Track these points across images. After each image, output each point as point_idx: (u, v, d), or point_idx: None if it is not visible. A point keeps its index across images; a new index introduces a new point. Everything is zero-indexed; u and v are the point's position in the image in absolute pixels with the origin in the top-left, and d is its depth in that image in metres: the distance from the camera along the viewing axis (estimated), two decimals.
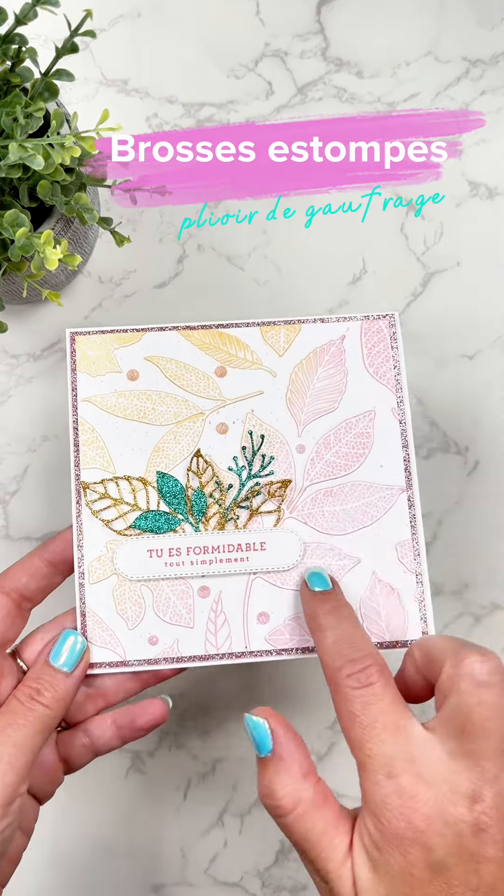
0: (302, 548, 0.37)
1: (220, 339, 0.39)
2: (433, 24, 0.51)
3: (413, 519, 0.38)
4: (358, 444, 0.38)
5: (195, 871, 0.48)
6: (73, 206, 0.38)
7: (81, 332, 0.39)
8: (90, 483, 0.38)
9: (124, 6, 0.51)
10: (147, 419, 0.38)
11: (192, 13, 0.51)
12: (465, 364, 0.50)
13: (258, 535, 0.37)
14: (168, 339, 0.39)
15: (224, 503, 0.38)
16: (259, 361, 0.39)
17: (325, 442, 0.38)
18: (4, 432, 0.49)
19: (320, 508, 0.38)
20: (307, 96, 0.51)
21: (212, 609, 0.37)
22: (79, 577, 0.37)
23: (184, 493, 0.38)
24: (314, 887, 0.48)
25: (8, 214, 0.35)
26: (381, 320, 0.40)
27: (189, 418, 0.38)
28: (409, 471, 0.38)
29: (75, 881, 0.48)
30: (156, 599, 0.37)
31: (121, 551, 0.37)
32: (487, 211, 0.51)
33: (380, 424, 0.38)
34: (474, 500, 0.50)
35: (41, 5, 0.36)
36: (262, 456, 0.38)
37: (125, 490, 0.38)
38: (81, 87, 0.50)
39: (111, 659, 0.37)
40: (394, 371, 0.39)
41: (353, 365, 0.39)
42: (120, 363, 0.39)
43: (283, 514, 0.38)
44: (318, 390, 0.39)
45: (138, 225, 0.50)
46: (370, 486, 0.38)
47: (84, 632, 0.37)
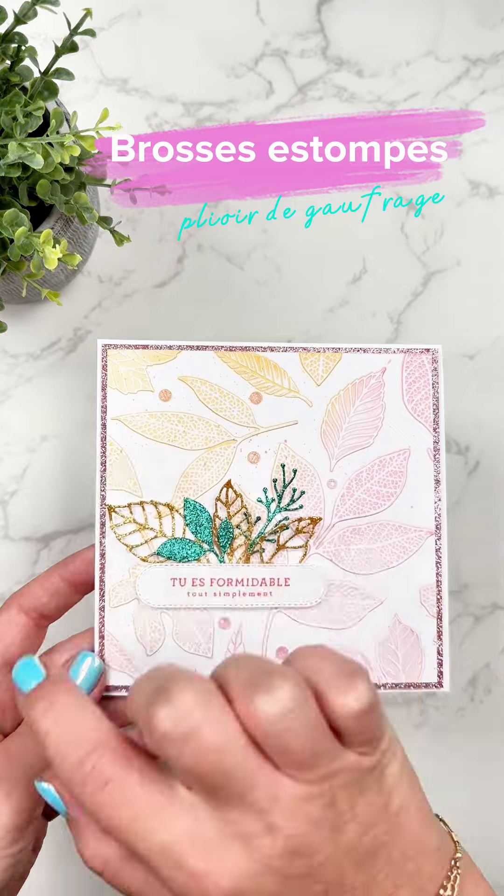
0: (326, 586, 0.37)
1: (258, 364, 0.38)
2: (433, 24, 0.51)
3: (439, 563, 0.37)
4: (390, 483, 0.37)
5: None
6: (73, 205, 0.38)
7: (115, 346, 0.37)
8: (116, 507, 0.37)
9: (124, 5, 0.51)
10: (177, 442, 0.37)
11: (192, 12, 0.51)
12: (465, 364, 0.50)
13: (283, 571, 0.37)
14: (204, 360, 0.37)
15: (251, 536, 0.37)
16: (296, 389, 0.37)
17: (358, 479, 0.37)
18: (4, 432, 0.49)
19: (347, 546, 0.37)
20: (307, 95, 0.51)
21: (231, 641, 0.36)
22: (99, 600, 0.36)
23: (211, 522, 0.37)
24: None
25: (7, 214, 0.35)
26: (423, 354, 0.38)
27: (220, 444, 0.37)
28: (439, 514, 0.37)
29: (75, 881, 0.47)
30: (176, 628, 0.36)
31: (143, 578, 0.36)
32: (488, 211, 0.51)
33: (414, 464, 0.37)
34: (474, 500, 0.50)
35: (41, 4, 0.36)
36: (292, 490, 0.37)
37: (151, 515, 0.37)
38: (81, 87, 0.50)
39: (128, 683, 0.36)
40: (433, 409, 0.38)
41: (391, 400, 0.38)
42: (153, 382, 0.37)
43: (310, 550, 0.37)
44: (354, 424, 0.38)
45: (138, 224, 0.50)
46: (399, 528, 0.37)
47: (102, 654, 0.36)
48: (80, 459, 0.49)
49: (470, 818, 0.49)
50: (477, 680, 0.49)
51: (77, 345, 0.49)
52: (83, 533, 0.49)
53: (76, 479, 0.49)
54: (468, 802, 0.48)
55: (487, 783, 0.49)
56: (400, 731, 0.48)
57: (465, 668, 0.49)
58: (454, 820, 0.50)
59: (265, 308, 0.50)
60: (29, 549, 0.48)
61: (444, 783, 0.48)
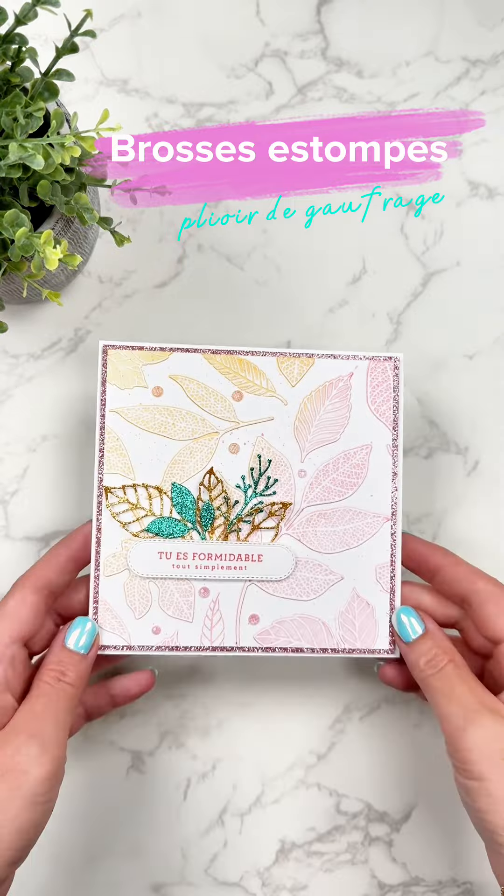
0: (294, 562, 0.42)
1: (240, 366, 0.42)
2: (433, 24, 0.51)
3: (393, 545, 0.42)
4: (353, 474, 0.42)
5: (195, 871, 0.48)
6: (74, 206, 0.38)
7: (114, 346, 0.42)
8: (112, 487, 0.41)
9: (124, 6, 0.51)
10: (167, 433, 0.42)
11: (192, 13, 0.51)
12: (464, 364, 0.50)
13: (257, 548, 0.42)
14: (193, 361, 0.42)
15: (229, 517, 0.42)
16: (273, 389, 0.42)
17: (325, 469, 0.42)
18: (4, 432, 0.49)
19: (313, 528, 0.42)
20: (307, 96, 0.51)
21: (210, 608, 0.42)
22: (94, 569, 0.41)
23: (195, 504, 0.42)
24: (314, 887, 0.48)
25: (8, 214, 0.35)
26: (386, 362, 0.43)
27: (205, 436, 0.42)
28: (395, 502, 0.42)
29: (75, 881, 0.48)
30: (161, 595, 0.42)
31: (134, 551, 0.41)
32: (487, 211, 0.51)
33: (375, 458, 0.43)
34: (474, 500, 0.50)
35: (41, 5, 0.36)
36: (267, 477, 0.42)
37: (142, 496, 0.42)
38: (81, 87, 0.50)
39: (119, 643, 0.41)
40: (393, 411, 0.43)
41: (357, 401, 0.43)
42: (147, 379, 0.42)
43: (281, 531, 0.42)
44: (324, 421, 0.42)
45: (138, 225, 0.50)
46: (359, 513, 0.42)
47: (96, 618, 0.41)
48: (80, 459, 0.49)
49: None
50: None
51: (77, 345, 0.49)
52: None
53: (76, 479, 0.49)
54: None
55: None
56: (399, 730, 0.49)
57: None
58: (454, 820, 0.50)
59: (265, 308, 0.50)
60: (30, 549, 0.48)
61: (443, 782, 0.48)
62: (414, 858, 0.48)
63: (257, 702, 0.48)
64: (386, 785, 0.48)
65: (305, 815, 0.48)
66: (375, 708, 0.49)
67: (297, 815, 0.48)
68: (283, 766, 0.48)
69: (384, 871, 0.48)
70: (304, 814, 0.48)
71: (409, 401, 0.50)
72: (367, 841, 0.48)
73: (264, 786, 0.48)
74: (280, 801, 0.48)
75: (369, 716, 0.49)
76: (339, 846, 0.48)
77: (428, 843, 0.48)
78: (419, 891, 0.48)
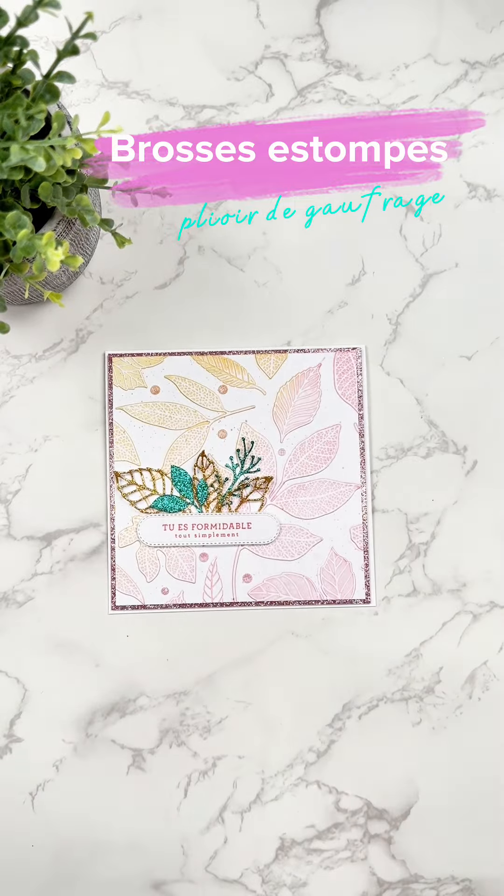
0: (278, 528, 0.49)
1: (224, 364, 0.50)
2: (432, 27, 0.52)
3: (364, 508, 0.49)
4: (326, 450, 0.50)
5: (196, 868, 0.48)
6: (75, 207, 0.38)
7: (117, 355, 0.50)
8: (121, 472, 0.49)
9: (125, 8, 0.51)
10: (165, 424, 0.50)
11: (192, 16, 0.51)
12: (463, 364, 0.50)
13: (246, 517, 0.49)
14: (183, 363, 0.50)
15: (221, 492, 0.50)
16: (253, 382, 0.50)
17: (301, 447, 0.50)
18: (6, 432, 0.49)
19: (294, 498, 0.49)
20: (307, 98, 0.51)
21: (209, 570, 0.49)
22: (110, 542, 0.49)
23: (191, 482, 0.50)
24: (314, 884, 0.48)
25: (10, 216, 0.35)
26: (350, 352, 0.50)
27: (197, 425, 0.50)
28: (363, 472, 0.49)
29: (76, 878, 0.48)
30: (168, 561, 0.49)
31: (143, 524, 0.49)
32: (486, 212, 0.51)
33: (344, 435, 0.50)
34: (473, 500, 0.50)
35: (42, 7, 0.36)
36: (251, 457, 0.50)
37: (147, 478, 0.49)
38: (82, 90, 0.50)
39: (133, 603, 0.49)
40: (357, 394, 0.50)
41: (326, 387, 0.50)
42: (146, 380, 0.50)
43: (266, 502, 0.50)
44: (298, 407, 0.50)
45: (139, 226, 0.50)
46: (333, 483, 0.50)
47: (113, 583, 0.48)
48: (81, 459, 0.49)
49: (469, 817, 0.50)
50: (475, 678, 0.49)
51: (79, 346, 0.50)
52: (85, 532, 0.49)
53: (78, 479, 0.49)
54: (467, 799, 0.48)
55: (487, 780, 0.49)
56: (398, 728, 0.49)
57: (464, 666, 0.49)
58: (454, 817, 0.50)
59: (265, 309, 0.50)
60: (31, 548, 0.49)
61: (443, 779, 0.48)
62: (413, 856, 0.48)
63: (257, 700, 0.49)
64: (385, 782, 0.48)
65: (305, 812, 0.48)
66: (374, 706, 0.49)
67: (297, 812, 0.48)
68: (283, 764, 0.48)
69: (383, 868, 0.48)
70: (303, 811, 0.48)
71: (408, 401, 0.50)
72: (367, 838, 0.48)
73: (264, 783, 0.48)
74: (280, 799, 0.48)
75: (368, 714, 0.49)
76: (339, 843, 0.48)
77: (427, 840, 0.48)
78: (418, 888, 0.48)
